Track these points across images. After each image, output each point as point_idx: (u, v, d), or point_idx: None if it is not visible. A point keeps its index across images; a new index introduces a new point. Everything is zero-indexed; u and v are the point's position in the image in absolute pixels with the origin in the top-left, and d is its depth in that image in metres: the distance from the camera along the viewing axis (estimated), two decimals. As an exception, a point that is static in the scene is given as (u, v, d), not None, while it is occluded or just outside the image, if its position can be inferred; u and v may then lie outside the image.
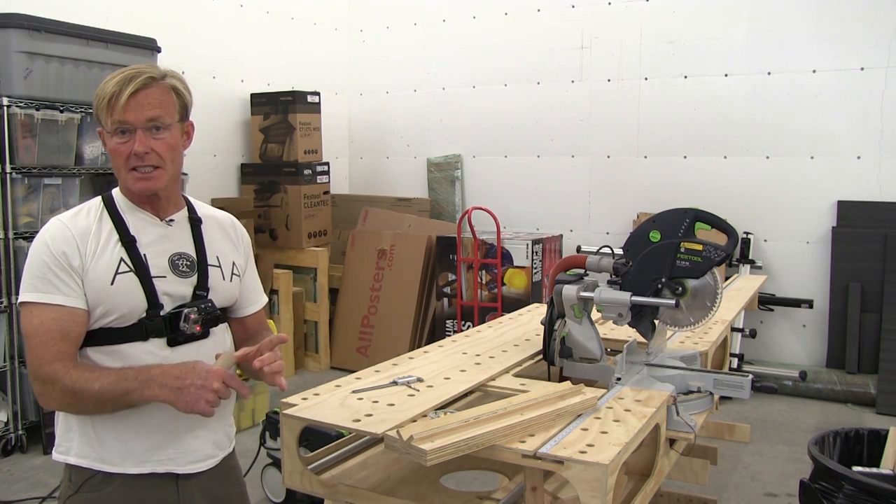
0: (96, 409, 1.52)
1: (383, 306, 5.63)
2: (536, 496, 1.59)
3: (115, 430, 1.57)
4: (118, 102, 1.54)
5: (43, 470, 3.79)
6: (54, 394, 1.51)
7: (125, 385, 1.49)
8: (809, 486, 2.40)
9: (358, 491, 1.80)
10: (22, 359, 4.02)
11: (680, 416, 1.91)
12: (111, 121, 1.56)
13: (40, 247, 1.56)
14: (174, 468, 1.62)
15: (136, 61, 4.43)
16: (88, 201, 1.67)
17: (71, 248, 1.56)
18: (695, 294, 2.07)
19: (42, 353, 1.51)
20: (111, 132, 1.57)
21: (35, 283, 1.55)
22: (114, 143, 1.57)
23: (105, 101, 1.55)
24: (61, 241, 1.56)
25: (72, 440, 1.59)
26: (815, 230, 5.19)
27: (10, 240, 3.93)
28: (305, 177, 5.68)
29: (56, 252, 1.55)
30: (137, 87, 1.54)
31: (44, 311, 1.53)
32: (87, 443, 1.58)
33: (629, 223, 5.66)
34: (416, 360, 2.21)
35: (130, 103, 1.54)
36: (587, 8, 5.81)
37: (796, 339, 5.31)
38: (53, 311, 1.53)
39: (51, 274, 1.54)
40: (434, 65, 6.49)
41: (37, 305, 1.53)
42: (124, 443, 1.58)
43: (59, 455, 1.61)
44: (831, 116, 5.08)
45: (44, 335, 1.51)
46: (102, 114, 1.57)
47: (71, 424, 1.60)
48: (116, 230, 1.61)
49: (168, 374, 1.49)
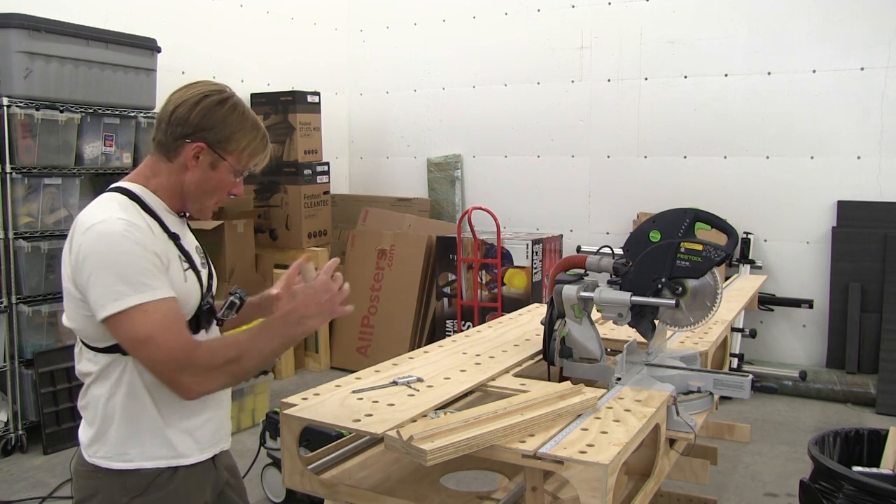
0: (259, 367, 1.57)
1: (383, 306, 5.63)
2: (536, 496, 1.59)
3: (184, 427, 1.60)
4: (258, 156, 1.65)
5: (43, 470, 3.79)
6: (215, 373, 1.50)
7: (283, 332, 1.56)
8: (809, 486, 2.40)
9: (358, 491, 1.80)
10: (22, 359, 4.02)
11: (680, 416, 1.91)
12: (247, 164, 1.64)
13: (132, 247, 1.47)
14: (224, 446, 1.72)
15: (136, 61, 4.48)
16: (106, 199, 1.58)
17: (158, 248, 1.53)
18: (695, 294, 2.07)
19: (182, 340, 1.49)
20: (235, 171, 1.63)
21: (140, 282, 1.46)
22: (229, 179, 1.63)
23: (251, 148, 1.62)
24: (149, 242, 1.52)
25: (142, 444, 1.56)
26: (815, 230, 5.19)
27: (10, 240, 3.93)
28: (305, 177, 5.68)
29: (150, 251, 1.50)
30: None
31: (160, 305, 1.48)
32: (161, 443, 1.57)
33: (629, 223, 5.66)
34: (416, 360, 2.21)
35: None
36: (587, 8, 5.81)
37: (796, 339, 5.32)
38: (170, 303, 1.50)
39: (151, 275, 1.49)
40: (434, 65, 6.49)
41: (151, 304, 1.46)
42: (191, 434, 1.61)
43: (120, 463, 1.55)
44: (831, 116, 5.08)
45: (173, 326, 1.49)
46: (239, 154, 1.61)
47: (139, 430, 1.56)
48: (161, 228, 1.59)
49: (307, 306, 1.59)
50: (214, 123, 1.57)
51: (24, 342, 4.03)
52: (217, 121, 1.58)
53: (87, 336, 1.56)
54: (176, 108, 1.58)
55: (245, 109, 1.63)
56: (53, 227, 4.13)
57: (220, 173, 1.61)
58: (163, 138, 1.61)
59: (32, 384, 4.02)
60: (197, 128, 1.57)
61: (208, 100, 1.58)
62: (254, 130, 1.62)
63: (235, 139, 1.59)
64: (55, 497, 3.52)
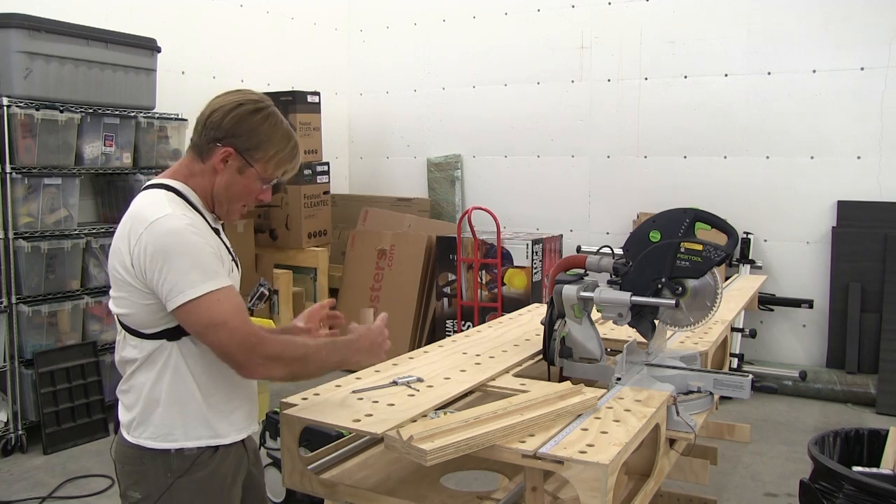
0: (318, 372, 1.68)
1: (383, 306, 5.62)
2: (536, 496, 1.59)
3: (222, 409, 1.68)
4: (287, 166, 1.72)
5: (43, 470, 3.79)
6: (280, 363, 1.61)
7: (341, 355, 1.71)
8: (809, 486, 2.40)
9: (358, 491, 1.80)
10: (22, 359, 4.02)
11: (680, 416, 1.91)
12: (273, 173, 1.71)
13: (197, 240, 1.58)
14: (254, 428, 1.79)
15: (136, 61, 4.48)
16: (160, 196, 1.65)
17: (215, 241, 1.65)
18: (695, 294, 2.07)
19: (251, 327, 1.59)
20: (262, 179, 1.70)
21: (212, 272, 1.58)
22: (257, 186, 1.71)
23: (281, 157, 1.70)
24: (209, 235, 1.64)
25: (185, 426, 1.64)
26: (815, 230, 5.19)
27: (10, 240, 3.93)
28: (305, 177, 5.68)
29: (211, 244, 1.62)
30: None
31: (229, 293, 1.59)
32: (202, 424, 1.66)
33: (629, 223, 5.66)
34: (416, 360, 2.21)
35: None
36: (587, 8, 5.81)
37: (796, 339, 5.32)
38: (234, 292, 1.63)
39: (218, 262, 1.61)
40: (434, 65, 6.49)
41: (221, 291, 1.57)
42: (227, 416, 1.69)
43: (164, 443, 1.64)
44: (831, 116, 5.08)
45: (242, 312, 1.59)
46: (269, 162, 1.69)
47: (184, 412, 1.64)
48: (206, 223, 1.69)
49: (359, 341, 1.75)
50: (245, 131, 1.66)
51: (24, 342, 4.03)
52: (248, 129, 1.66)
53: (137, 323, 1.63)
54: (212, 113, 1.67)
55: (279, 120, 1.71)
56: (53, 227, 4.13)
57: (246, 179, 1.69)
58: (198, 140, 1.70)
59: (32, 384, 4.02)
60: (228, 133, 1.65)
61: (242, 108, 1.67)
62: (284, 141, 1.70)
63: (264, 147, 1.67)
64: (55, 497, 3.52)
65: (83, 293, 4.27)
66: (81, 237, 4.23)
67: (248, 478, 1.80)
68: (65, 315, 4.19)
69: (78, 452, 4.01)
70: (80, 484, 3.64)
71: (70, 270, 4.20)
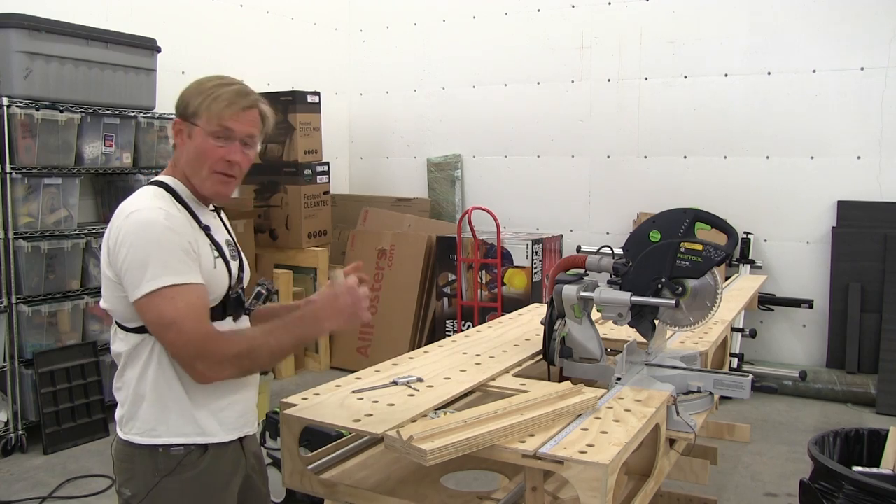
0: (271, 363, 1.65)
1: (383, 306, 5.62)
2: (536, 496, 1.59)
3: (210, 406, 1.66)
4: (230, 110, 1.65)
5: (43, 470, 3.79)
6: (226, 364, 1.56)
7: (298, 332, 1.63)
8: (809, 486, 2.40)
9: (358, 491, 1.80)
10: (22, 359, 4.02)
11: (680, 416, 1.91)
12: (217, 124, 1.64)
13: (167, 235, 1.57)
14: (249, 430, 1.76)
15: (136, 61, 4.48)
16: (147, 191, 1.67)
17: (192, 236, 1.63)
18: (695, 294, 2.07)
19: (203, 329, 1.56)
20: (209, 132, 1.65)
21: (173, 267, 1.55)
22: (209, 143, 1.65)
23: (218, 105, 1.64)
24: (185, 229, 1.62)
25: (167, 422, 1.63)
26: (815, 230, 5.19)
27: (10, 240, 3.93)
28: (305, 177, 5.68)
29: (185, 238, 1.60)
30: (249, 105, 1.68)
31: (188, 291, 1.56)
32: (187, 421, 1.64)
33: (629, 223, 5.66)
34: (416, 360, 2.21)
35: (241, 115, 1.66)
36: (587, 8, 5.81)
37: (796, 339, 5.31)
38: (197, 290, 1.58)
39: (186, 258, 1.58)
40: (434, 65, 6.49)
41: (179, 287, 1.55)
42: (216, 414, 1.67)
43: (149, 439, 1.63)
44: (831, 116, 5.08)
45: (196, 312, 1.56)
46: (207, 113, 1.64)
47: (167, 407, 1.63)
48: (193, 218, 1.69)
49: (325, 308, 1.64)
50: (185, 99, 1.69)
51: (24, 342, 4.03)
52: (187, 96, 1.69)
53: (120, 317, 1.65)
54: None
55: (212, 76, 1.70)
56: (53, 227, 4.13)
57: (196, 140, 1.66)
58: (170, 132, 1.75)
59: (32, 384, 4.02)
60: (177, 111, 1.70)
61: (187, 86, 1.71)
62: (216, 89, 1.66)
63: (198, 103, 1.66)
64: (55, 497, 3.52)
65: (83, 293, 4.27)
66: (81, 237, 4.23)
67: (247, 482, 1.78)
68: (65, 315, 4.19)
69: (78, 452, 4.01)
70: (80, 484, 3.64)
71: (70, 270, 4.21)
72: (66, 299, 4.18)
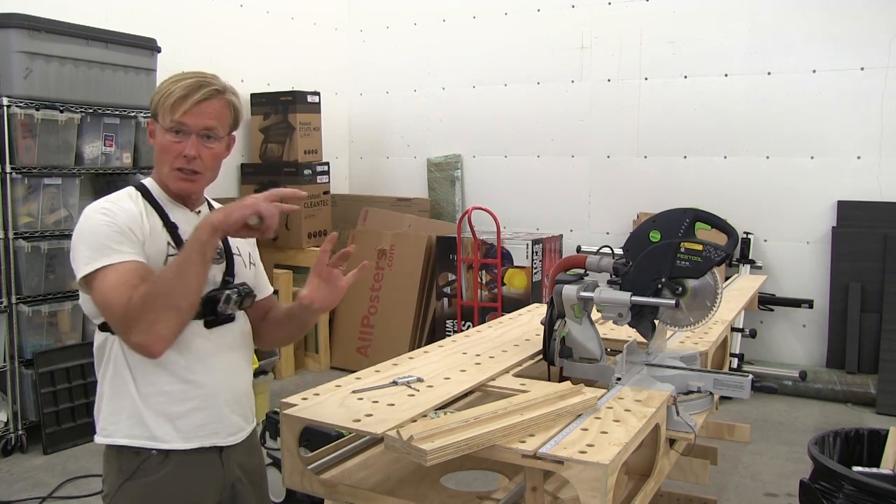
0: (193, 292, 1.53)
1: (383, 306, 5.63)
2: (536, 496, 1.59)
3: (164, 411, 1.62)
4: (182, 105, 1.62)
5: (43, 470, 3.79)
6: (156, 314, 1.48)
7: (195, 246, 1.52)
8: (809, 486, 2.40)
9: (358, 491, 1.80)
10: (22, 359, 4.02)
11: (680, 416, 1.91)
12: (170, 119, 1.63)
13: (100, 220, 1.57)
14: (218, 441, 1.69)
15: (136, 61, 4.47)
16: (122, 190, 1.69)
17: (134, 224, 1.61)
18: (695, 294, 2.07)
19: (125, 295, 1.50)
20: (166, 129, 1.65)
21: (102, 251, 1.54)
22: (166, 139, 1.65)
23: (171, 99, 1.63)
24: (124, 217, 1.60)
25: (119, 422, 1.62)
26: (815, 230, 5.19)
27: (10, 240, 3.93)
28: (305, 177, 5.68)
29: (121, 224, 1.58)
30: (204, 97, 1.64)
31: (117, 268, 1.53)
32: (137, 423, 1.61)
33: (629, 223, 5.66)
34: (416, 360, 2.21)
35: (194, 109, 1.63)
36: (587, 8, 5.81)
37: (796, 339, 5.31)
38: (128, 266, 1.54)
39: (117, 241, 1.56)
40: (434, 65, 6.49)
41: (109, 268, 1.53)
42: (172, 421, 1.63)
43: (106, 438, 1.63)
44: (831, 116, 5.08)
45: (122, 286, 1.51)
46: (163, 109, 1.65)
47: (120, 406, 1.63)
48: (159, 216, 1.67)
49: (213, 213, 1.58)
50: (151, 99, 1.71)
51: (24, 342, 4.03)
52: (152, 96, 1.71)
53: (88, 313, 1.66)
54: None
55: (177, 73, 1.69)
56: (53, 227, 4.13)
57: (157, 137, 1.68)
58: None
59: (32, 384, 4.02)
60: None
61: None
62: (172, 85, 1.65)
63: (157, 100, 1.67)
64: (55, 497, 3.52)
65: (83, 293, 4.26)
66: (81, 237, 4.23)
67: (232, 493, 1.74)
68: (65, 315, 4.19)
69: (78, 452, 4.01)
70: (80, 484, 3.64)
71: (70, 270, 4.17)
72: (66, 299, 4.18)
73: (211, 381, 1.67)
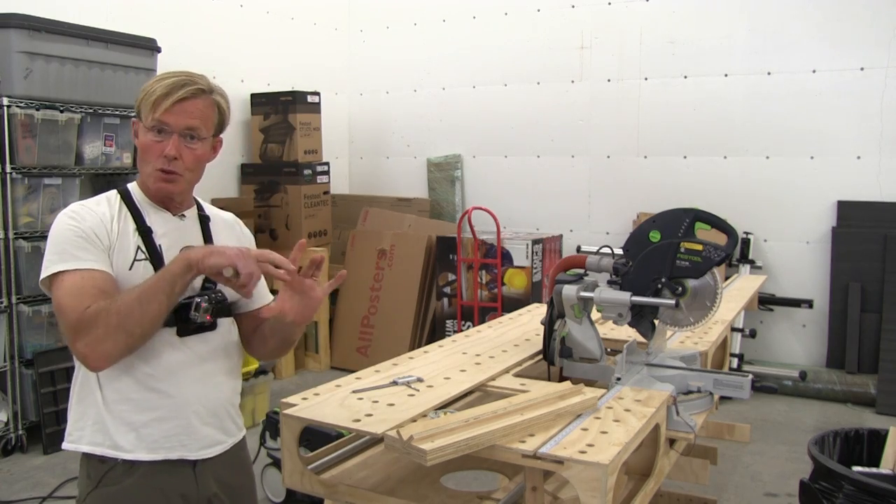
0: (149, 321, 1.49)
1: (383, 306, 5.63)
2: (536, 496, 1.59)
3: (128, 420, 1.60)
4: (163, 104, 1.59)
5: (43, 470, 3.79)
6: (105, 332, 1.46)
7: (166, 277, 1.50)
8: (809, 486, 2.40)
9: (358, 491, 1.80)
10: (22, 359, 4.02)
11: (680, 416, 1.91)
12: (152, 118, 1.61)
13: (66, 224, 1.57)
14: (186, 454, 1.65)
15: (136, 61, 4.47)
16: (105, 193, 1.70)
17: (100, 230, 1.60)
18: (695, 294, 2.07)
19: (80, 302, 1.48)
20: (148, 128, 1.62)
21: (63, 256, 1.54)
22: (148, 138, 1.63)
23: (152, 98, 1.60)
24: (91, 221, 1.59)
25: (84, 428, 1.61)
26: (815, 230, 5.19)
27: (10, 240, 3.93)
28: (305, 177, 5.68)
29: (86, 229, 1.57)
30: (186, 96, 1.60)
31: (76, 274, 1.52)
32: (100, 430, 1.59)
33: (629, 223, 5.66)
34: (416, 360, 2.21)
35: (175, 108, 1.60)
36: (587, 8, 5.81)
37: (796, 339, 5.31)
38: (87, 273, 1.53)
39: (80, 247, 1.55)
40: (434, 65, 6.49)
41: (68, 273, 1.52)
42: (136, 430, 1.60)
43: (70, 444, 1.62)
44: (831, 116, 5.08)
45: (77, 293, 1.50)
46: (145, 108, 1.62)
47: (85, 412, 1.61)
48: (133, 220, 1.66)
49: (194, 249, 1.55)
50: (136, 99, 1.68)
51: (24, 342, 4.03)
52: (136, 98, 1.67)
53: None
54: None
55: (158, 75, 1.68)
56: (53, 227, 4.13)
57: (141, 137, 1.65)
58: None
59: (32, 384, 4.02)
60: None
61: None
62: (155, 84, 1.62)
63: (140, 100, 1.65)
64: (55, 497, 3.52)
65: (83, 293, 4.26)
66: (81, 237, 4.23)
67: None
68: (65, 315, 4.18)
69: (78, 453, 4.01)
70: (80, 484, 3.64)
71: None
72: (66, 299, 4.17)
73: (180, 391, 1.62)
